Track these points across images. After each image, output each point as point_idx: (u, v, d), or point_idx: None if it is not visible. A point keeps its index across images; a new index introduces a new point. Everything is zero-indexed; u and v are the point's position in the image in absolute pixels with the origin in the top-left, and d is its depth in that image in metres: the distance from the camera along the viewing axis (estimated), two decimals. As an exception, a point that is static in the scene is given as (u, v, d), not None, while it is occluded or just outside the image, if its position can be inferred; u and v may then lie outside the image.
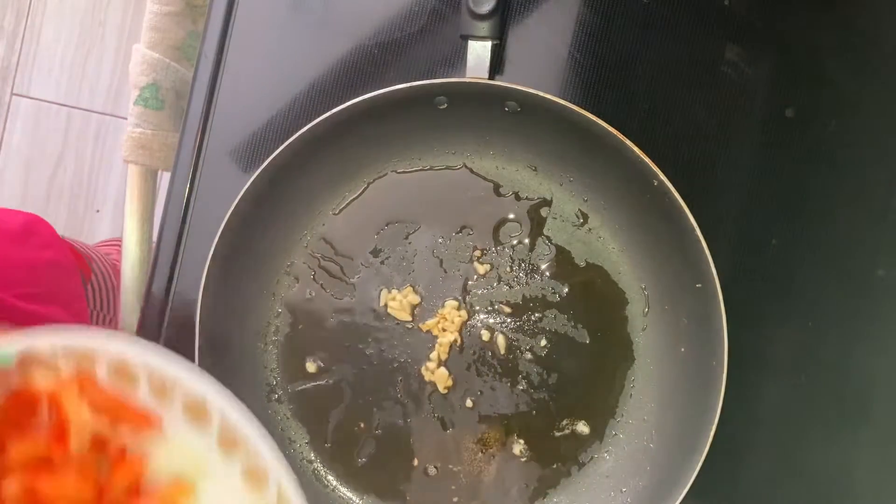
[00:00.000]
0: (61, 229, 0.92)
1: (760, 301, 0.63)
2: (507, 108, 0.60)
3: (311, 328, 0.66)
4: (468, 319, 0.65)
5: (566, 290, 0.64)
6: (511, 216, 0.65)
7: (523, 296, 0.65)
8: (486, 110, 0.61)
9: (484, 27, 0.60)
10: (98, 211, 1.62)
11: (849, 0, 0.64)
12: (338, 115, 0.58)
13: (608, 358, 0.64)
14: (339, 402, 0.65)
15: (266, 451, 0.44)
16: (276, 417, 0.65)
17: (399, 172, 0.66)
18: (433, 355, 0.64)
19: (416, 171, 0.66)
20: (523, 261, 0.65)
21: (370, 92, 0.57)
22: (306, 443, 0.66)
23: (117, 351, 0.44)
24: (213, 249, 0.59)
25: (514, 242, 0.65)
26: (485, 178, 0.65)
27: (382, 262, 0.66)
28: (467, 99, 0.60)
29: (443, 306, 0.65)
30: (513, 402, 0.64)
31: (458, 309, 0.65)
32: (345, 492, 0.65)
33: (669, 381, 0.62)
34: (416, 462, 0.65)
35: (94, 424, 0.45)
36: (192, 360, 0.59)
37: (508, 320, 0.65)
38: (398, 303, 0.65)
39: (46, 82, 1.64)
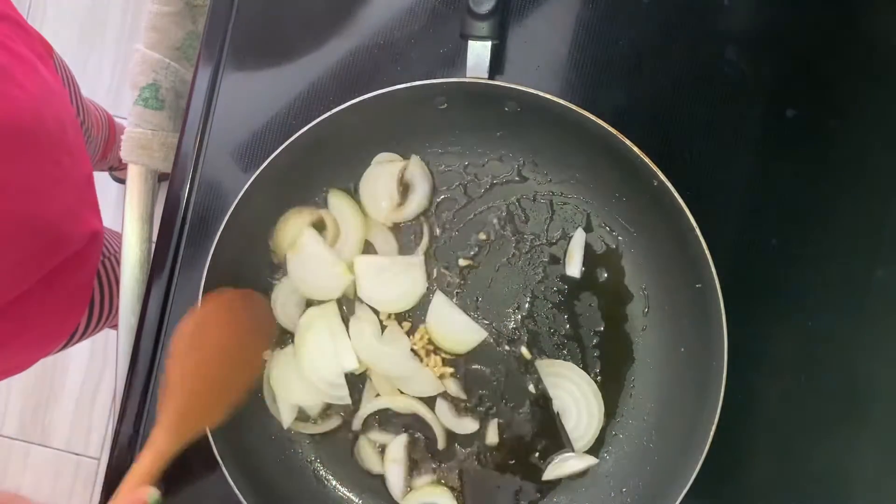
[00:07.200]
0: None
1: (761, 301, 0.63)
2: (507, 109, 0.60)
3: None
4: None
5: (566, 289, 0.64)
6: (511, 216, 0.65)
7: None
8: (486, 110, 0.61)
9: (484, 27, 0.60)
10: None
11: (849, 0, 0.64)
12: (338, 116, 0.58)
13: (608, 358, 0.64)
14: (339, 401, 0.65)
15: None
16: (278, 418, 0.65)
17: (399, 172, 0.66)
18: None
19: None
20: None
21: (370, 92, 0.57)
22: (307, 443, 0.66)
23: None
24: (212, 251, 0.59)
25: (514, 242, 0.65)
26: (485, 178, 0.65)
27: (382, 262, 0.66)
28: (467, 99, 0.60)
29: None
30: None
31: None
32: (345, 492, 0.65)
33: (669, 381, 0.62)
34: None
35: None
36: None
37: (508, 320, 0.65)
38: None
39: (46, 82, 1.63)
